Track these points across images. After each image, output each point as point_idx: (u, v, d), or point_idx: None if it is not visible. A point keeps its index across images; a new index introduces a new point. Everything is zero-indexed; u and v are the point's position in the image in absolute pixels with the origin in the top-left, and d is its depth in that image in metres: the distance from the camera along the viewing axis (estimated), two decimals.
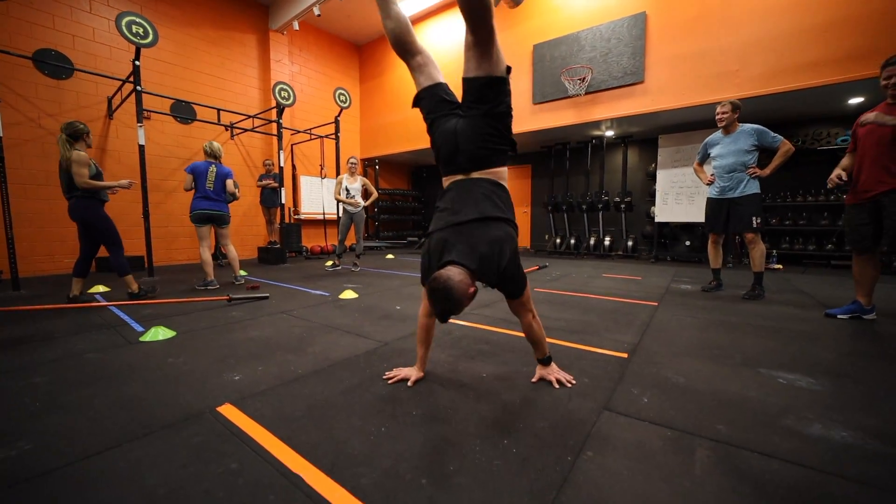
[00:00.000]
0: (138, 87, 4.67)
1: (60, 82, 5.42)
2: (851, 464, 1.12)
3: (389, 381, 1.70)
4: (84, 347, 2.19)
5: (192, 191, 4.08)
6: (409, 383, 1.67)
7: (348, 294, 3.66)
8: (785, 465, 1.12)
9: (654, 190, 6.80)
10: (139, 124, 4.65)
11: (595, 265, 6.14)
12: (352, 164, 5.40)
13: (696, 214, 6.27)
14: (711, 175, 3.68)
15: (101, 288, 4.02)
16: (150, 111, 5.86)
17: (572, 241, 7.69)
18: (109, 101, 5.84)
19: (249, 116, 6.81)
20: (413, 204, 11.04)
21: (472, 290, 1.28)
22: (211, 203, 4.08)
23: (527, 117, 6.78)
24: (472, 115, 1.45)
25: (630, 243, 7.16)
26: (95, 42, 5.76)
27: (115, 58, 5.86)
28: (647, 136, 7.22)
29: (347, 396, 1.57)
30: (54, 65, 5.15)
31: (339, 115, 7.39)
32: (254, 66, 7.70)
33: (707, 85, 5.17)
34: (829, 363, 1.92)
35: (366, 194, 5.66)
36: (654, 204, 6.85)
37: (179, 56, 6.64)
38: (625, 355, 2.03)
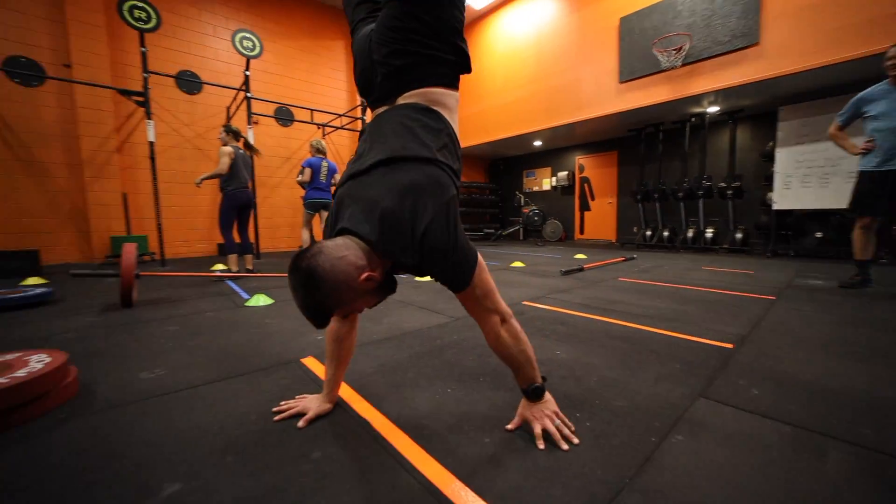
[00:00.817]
0: (248, 94, 5.36)
1: (192, 97, 6.47)
2: None
3: (276, 419, 1.13)
4: (205, 307, 2.58)
5: (305, 183, 4.60)
6: (299, 424, 1.09)
7: (423, 277, 3.76)
8: None
9: (773, 172, 5.78)
10: (249, 126, 5.33)
11: (693, 259, 5.45)
12: None
13: (831, 199, 5.18)
14: (868, 141, 2.85)
15: (219, 266, 4.71)
16: (258, 115, 6.68)
17: (665, 234, 6.93)
18: (227, 109, 6.80)
19: (338, 115, 7.39)
20: (490, 197, 10.97)
21: (364, 275, 0.82)
22: (322, 193, 4.59)
23: (612, 98, 6.26)
24: (389, 6, 0.94)
25: (739, 235, 6.19)
26: (217, 60, 6.75)
27: (231, 72, 6.80)
28: (761, 109, 6.17)
29: (415, 361, 1.60)
30: (189, 81, 6.16)
31: None
32: (341, 70, 8.33)
33: (846, 36, 4.21)
34: None
35: None
36: (771, 189, 5.83)
37: (280, 66, 7.47)
38: (730, 346, 1.76)
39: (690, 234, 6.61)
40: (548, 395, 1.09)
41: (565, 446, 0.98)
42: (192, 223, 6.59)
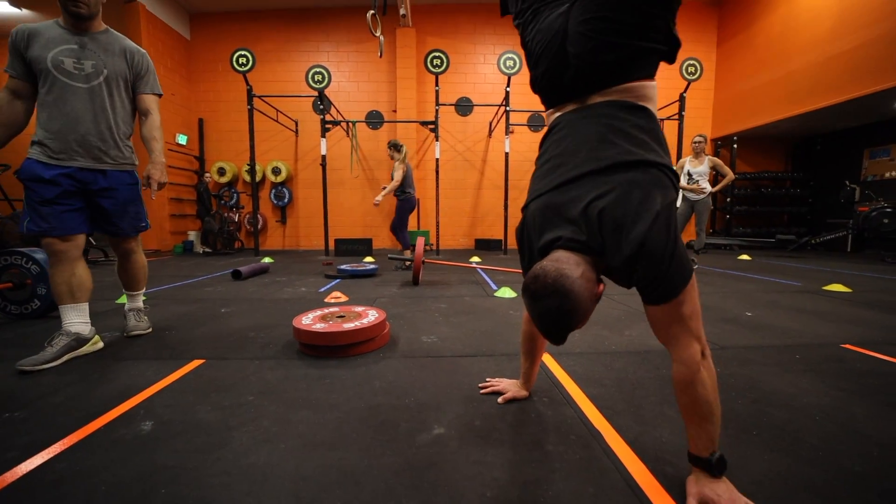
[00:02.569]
0: (507, 108, 6.03)
1: (465, 118, 7.87)
2: None
3: (481, 392, 1.35)
4: (465, 293, 3.16)
5: None
6: (499, 400, 1.27)
7: None
8: None
9: None
10: (506, 136, 6.01)
11: None
12: (697, 142, 4.61)
13: None
14: None
15: (476, 258, 5.59)
16: (514, 125, 7.40)
17: None
18: (490, 124, 7.89)
19: None
20: (791, 190, 8.03)
21: (600, 288, 0.80)
22: None
23: None
24: None
25: None
26: (485, 83, 7.93)
27: (495, 91, 7.82)
28: None
29: (662, 385, 1.41)
30: (464, 106, 7.53)
31: (685, 91, 6.48)
32: None
33: None
34: None
35: (714, 179, 4.68)
36: None
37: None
38: None
39: None
40: (724, 479, 0.82)
41: None
42: (459, 221, 8.11)
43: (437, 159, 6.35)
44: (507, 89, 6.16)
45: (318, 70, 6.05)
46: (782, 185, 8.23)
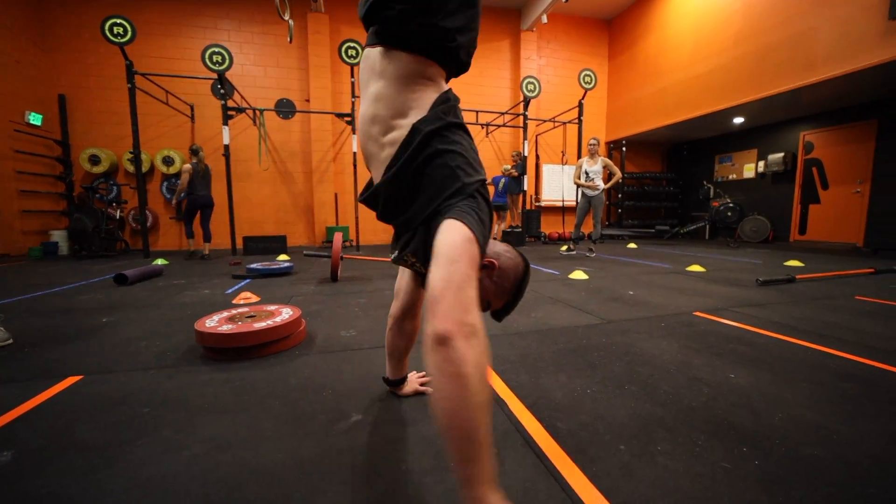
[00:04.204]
0: None
1: None
2: None
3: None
4: (384, 286, 3.17)
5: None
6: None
7: (578, 275, 3.62)
8: None
9: None
10: None
11: None
12: (591, 145, 5.21)
13: None
14: None
15: None
16: None
17: None
18: None
19: (501, 114, 7.67)
20: (666, 188, 9.49)
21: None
22: (498, 198, 6.71)
23: (873, 45, 4.50)
24: None
25: None
26: None
27: None
28: None
29: (559, 357, 1.61)
30: None
31: (582, 98, 7.23)
32: (506, 68, 8.56)
33: None
34: None
35: (608, 177, 5.34)
36: None
37: None
38: None
39: None
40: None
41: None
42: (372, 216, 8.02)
43: (355, 153, 6.20)
44: None
45: (216, 50, 5.47)
46: (660, 184, 9.67)
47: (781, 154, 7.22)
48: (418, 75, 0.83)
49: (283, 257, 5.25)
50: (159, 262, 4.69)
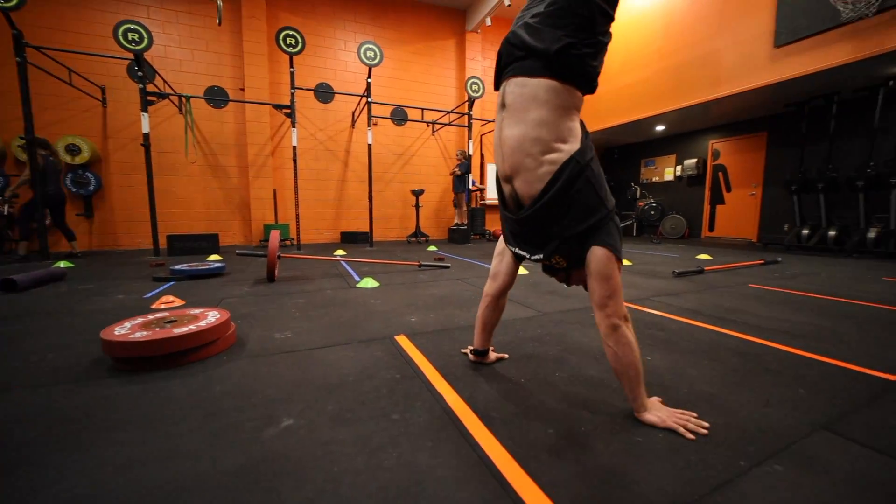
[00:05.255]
0: (369, 99, 6.00)
1: (326, 105, 7.50)
2: None
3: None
4: (326, 286, 3.07)
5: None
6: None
7: (519, 270, 3.76)
8: None
9: None
10: (369, 128, 5.98)
11: (871, 267, 4.26)
12: None
13: None
14: None
15: (340, 251, 5.45)
16: (377, 117, 7.40)
17: (831, 233, 5.53)
18: (353, 114, 7.70)
19: (446, 112, 7.73)
20: None
21: None
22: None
23: (762, 68, 5.21)
24: None
25: None
26: (347, 72, 7.69)
27: (357, 81, 7.66)
28: None
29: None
30: (324, 92, 7.15)
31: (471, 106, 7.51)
32: (451, 68, 8.65)
33: None
34: None
35: None
36: None
37: (396, 70, 8.12)
38: (891, 377, 1.40)
39: (872, 234, 5.15)
40: None
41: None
42: (322, 214, 7.72)
43: (295, 147, 5.91)
44: (369, 80, 6.12)
45: (132, 27, 4.90)
46: None
47: (695, 160, 8.09)
48: (573, 107, 1.06)
49: (214, 257, 4.87)
50: (61, 264, 4.13)
